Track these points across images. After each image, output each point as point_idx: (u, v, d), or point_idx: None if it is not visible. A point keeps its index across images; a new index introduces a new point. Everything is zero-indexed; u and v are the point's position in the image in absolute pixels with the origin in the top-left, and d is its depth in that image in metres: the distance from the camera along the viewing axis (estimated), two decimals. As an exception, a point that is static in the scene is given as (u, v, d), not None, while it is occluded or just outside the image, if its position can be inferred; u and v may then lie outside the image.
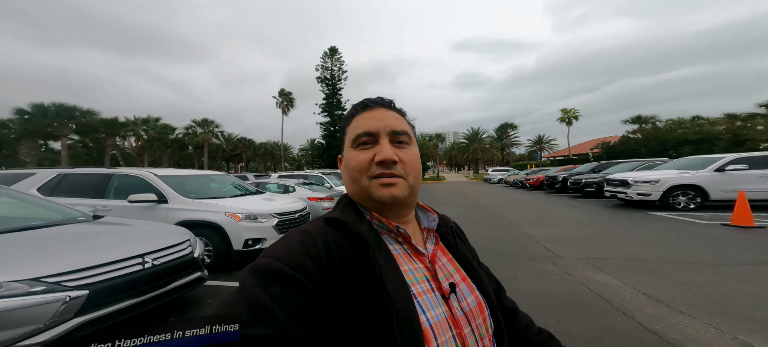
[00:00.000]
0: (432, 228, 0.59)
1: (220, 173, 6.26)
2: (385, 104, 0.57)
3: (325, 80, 38.15)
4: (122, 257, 2.15)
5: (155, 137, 30.15)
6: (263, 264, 0.43)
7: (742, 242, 4.72)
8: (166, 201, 4.05)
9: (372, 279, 0.44)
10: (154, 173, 4.43)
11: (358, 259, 0.45)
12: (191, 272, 2.61)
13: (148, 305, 2.24)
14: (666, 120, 28.66)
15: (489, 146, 58.35)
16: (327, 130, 37.75)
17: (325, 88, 38.06)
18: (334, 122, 38.42)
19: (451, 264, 0.57)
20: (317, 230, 0.48)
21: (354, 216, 0.51)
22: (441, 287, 0.51)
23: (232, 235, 3.85)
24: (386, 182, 0.50)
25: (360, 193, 0.53)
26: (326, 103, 38.15)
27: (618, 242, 5.06)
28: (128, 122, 30.23)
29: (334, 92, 38.20)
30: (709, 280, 3.25)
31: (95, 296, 1.92)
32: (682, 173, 7.90)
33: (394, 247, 0.52)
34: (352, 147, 0.54)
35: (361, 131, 0.53)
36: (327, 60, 38.35)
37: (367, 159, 0.51)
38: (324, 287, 0.42)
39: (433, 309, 0.47)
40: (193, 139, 32.51)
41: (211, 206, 4.09)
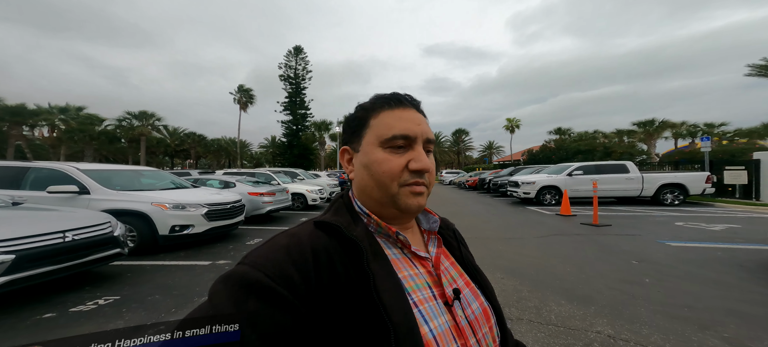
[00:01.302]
0: (433, 230, 0.54)
1: (153, 169, 6.35)
2: (416, 104, 0.51)
3: (289, 79, 37.65)
4: (45, 232, 2.59)
5: (76, 128, 26.15)
6: (240, 273, 0.37)
7: (552, 226, 6.57)
8: (89, 192, 4.26)
9: (366, 288, 0.38)
10: (76, 167, 4.55)
11: (351, 266, 0.40)
12: (110, 248, 3.08)
13: (69, 271, 2.70)
14: (578, 133, 34.42)
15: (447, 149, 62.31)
16: (289, 128, 37.49)
17: (289, 86, 37.59)
18: (297, 121, 37.92)
19: (454, 269, 0.52)
20: (306, 234, 0.43)
21: (348, 219, 0.46)
22: (444, 293, 0.45)
23: (157, 222, 4.25)
24: (417, 190, 0.46)
25: (384, 199, 0.46)
26: (289, 101, 37.62)
27: (496, 226, 6.63)
28: (40, 110, 25.76)
29: (298, 91, 37.76)
30: (510, 247, 4.74)
31: (20, 260, 2.37)
32: (549, 177, 10.18)
33: (393, 251, 0.46)
34: (379, 147, 0.47)
35: (398, 132, 0.46)
36: (291, 59, 37.81)
37: (401, 164, 0.45)
38: (310, 301, 0.37)
39: (435, 318, 0.41)
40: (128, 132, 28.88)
41: (137, 197, 4.41)
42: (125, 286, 3.12)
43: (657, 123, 27.13)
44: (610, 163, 10.14)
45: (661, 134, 29.67)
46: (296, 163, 36.07)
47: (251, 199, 7.36)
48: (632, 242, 4.87)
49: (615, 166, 9.86)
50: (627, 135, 30.88)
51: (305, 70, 38.35)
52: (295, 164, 35.43)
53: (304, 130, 35.95)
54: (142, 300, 2.78)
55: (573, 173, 9.87)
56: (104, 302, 2.73)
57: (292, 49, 37.82)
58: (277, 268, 0.37)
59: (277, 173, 12.05)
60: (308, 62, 38.39)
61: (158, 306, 2.69)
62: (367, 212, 0.48)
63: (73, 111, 27.25)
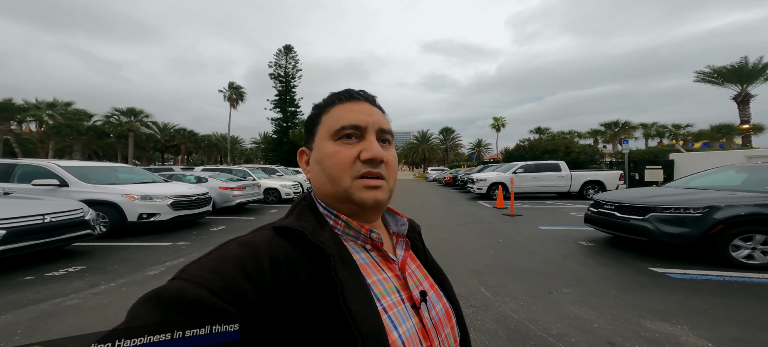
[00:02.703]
0: (402, 233, 0.51)
1: (128, 166, 7.07)
2: (369, 98, 0.48)
3: (279, 77, 38.26)
4: (28, 214, 3.37)
5: (64, 123, 26.15)
6: (173, 291, 0.30)
7: (480, 216, 7.55)
8: (67, 185, 5.00)
9: (333, 298, 0.35)
10: (57, 164, 5.29)
11: (316, 276, 0.36)
12: (82, 229, 3.86)
13: (47, 246, 3.49)
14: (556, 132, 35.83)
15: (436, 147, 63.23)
16: (279, 126, 38.21)
17: (278, 84, 38.20)
18: (287, 119, 38.63)
19: (420, 271, 0.50)
20: (263, 241, 0.38)
21: (313, 223, 0.42)
22: (411, 296, 0.43)
23: (127, 210, 5.01)
24: (372, 183, 0.42)
25: (337, 194, 0.43)
26: (279, 99, 38.28)
27: (436, 215, 7.61)
28: (28, 106, 25.68)
29: (288, 89, 38.40)
30: (432, 232, 5.66)
31: (10, 236, 3.15)
32: (498, 175, 11.21)
33: (361, 256, 0.43)
34: (330, 140, 0.44)
35: (346, 122, 0.43)
36: (281, 58, 38.44)
37: (352, 156, 0.42)
38: (268, 320, 0.32)
39: (404, 323, 0.40)
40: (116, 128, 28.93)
41: (109, 189, 5.17)
42: (92, 259, 3.91)
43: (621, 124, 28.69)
44: (546, 162, 11.25)
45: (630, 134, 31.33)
46: (286, 159, 36.74)
47: (222, 192, 8.12)
48: (518, 228, 5.88)
49: (550, 165, 10.97)
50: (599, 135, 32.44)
51: (295, 69, 38.95)
52: (285, 161, 36.11)
53: (294, 127, 36.50)
54: (104, 269, 3.57)
55: (517, 171, 10.92)
56: (73, 270, 3.52)
57: (282, 48, 38.43)
58: (226, 282, 0.31)
59: (254, 170, 12.78)
60: (298, 61, 38.97)
61: (115, 273, 3.49)
62: (334, 212, 0.44)
63: (61, 106, 27.19)
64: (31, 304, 2.65)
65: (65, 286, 3.06)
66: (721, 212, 3.47)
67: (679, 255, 3.80)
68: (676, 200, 3.80)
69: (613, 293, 2.84)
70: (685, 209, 3.65)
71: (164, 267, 3.71)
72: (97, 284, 3.13)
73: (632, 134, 32.40)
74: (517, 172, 10.89)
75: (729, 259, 3.42)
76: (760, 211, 3.38)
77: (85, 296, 2.85)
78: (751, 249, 3.41)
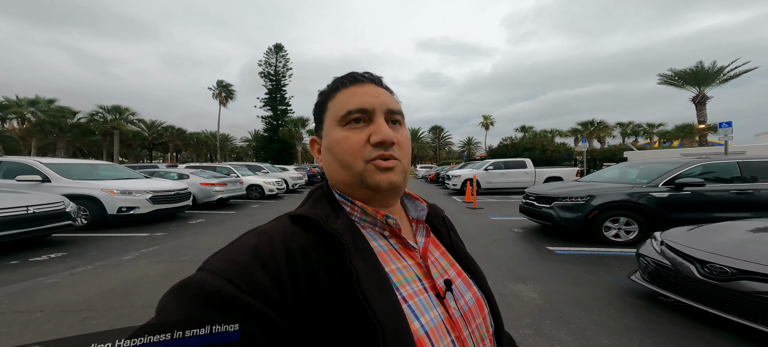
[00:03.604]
0: (421, 219, 0.49)
1: (110, 163, 7.37)
2: (375, 79, 0.47)
3: (269, 76, 38.46)
4: (13, 206, 3.72)
5: (47, 120, 25.63)
6: (198, 282, 0.31)
7: (446, 207, 8.13)
8: (50, 181, 5.32)
9: (349, 288, 0.34)
10: (40, 161, 5.60)
11: (331, 265, 0.35)
12: (63, 220, 4.22)
13: (31, 234, 3.86)
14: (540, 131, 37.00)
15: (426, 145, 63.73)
16: (269, 124, 38.47)
17: (269, 83, 38.44)
18: (277, 117, 38.82)
19: (445, 258, 0.47)
20: (278, 231, 0.38)
21: (328, 211, 0.41)
22: (435, 285, 0.41)
23: (107, 204, 5.37)
24: (385, 165, 0.41)
25: (351, 179, 0.42)
26: (269, 97, 38.49)
27: None
28: (9, 103, 25.07)
29: (278, 88, 38.63)
30: None
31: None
32: (471, 171, 11.85)
33: (379, 243, 0.42)
34: (338, 126, 0.43)
35: (352, 107, 0.42)
36: (271, 56, 38.63)
37: (362, 140, 0.41)
38: (284, 310, 0.32)
39: (427, 312, 0.38)
40: (101, 126, 28.47)
41: (90, 184, 5.51)
42: (73, 247, 4.28)
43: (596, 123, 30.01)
44: (514, 160, 12.00)
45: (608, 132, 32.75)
46: (277, 157, 36.93)
47: (203, 188, 8.46)
48: (474, 219, 6.48)
49: (517, 162, 11.71)
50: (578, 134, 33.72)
51: (285, 68, 39.13)
52: (276, 159, 36.33)
53: (284, 125, 36.66)
54: (83, 255, 3.96)
55: (487, 168, 11.60)
56: (54, 256, 3.89)
57: (272, 47, 38.70)
58: (244, 274, 0.32)
59: (239, 167, 13.07)
60: (288, 60, 39.17)
61: (93, 257, 3.87)
62: (350, 199, 0.44)
63: (43, 103, 26.60)
64: (15, 283, 3.04)
65: (46, 268, 3.45)
66: (596, 199, 4.20)
67: (573, 236, 4.46)
68: (570, 191, 4.48)
69: (508, 266, 3.45)
70: (574, 198, 4.35)
71: (139, 253, 4.11)
72: (76, 266, 3.53)
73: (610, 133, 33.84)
74: (488, 169, 11.58)
75: (602, 237, 4.14)
76: (624, 199, 4.13)
77: (64, 276, 3.25)
78: (618, 229, 4.16)
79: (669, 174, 4.27)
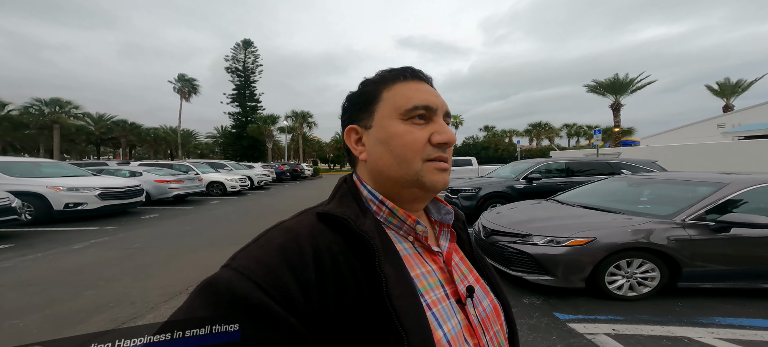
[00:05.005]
0: (446, 223, 0.47)
1: (53, 161, 7.29)
2: (428, 80, 0.45)
3: (237, 72, 37.49)
4: (-46, 202, 3.93)
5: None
6: (225, 282, 0.31)
7: None
8: (-11, 178, 5.34)
9: (377, 293, 0.33)
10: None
11: (358, 269, 0.35)
12: (8, 215, 4.45)
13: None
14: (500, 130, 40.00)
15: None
16: (238, 120, 37.42)
17: (237, 79, 37.43)
18: (246, 113, 37.74)
19: (464, 264, 0.47)
20: (306, 229, 0.37)
21: (356, 210, 0.40)
22: (457, 291, 0.41)
23: (52, 200, 5.53)
24: (442, 166, 0.41)
25: (405, 176, 0.40)
26: (237, 93, 37.45)
27: None
28: None
29: (247, 84, 37.67)
30: None
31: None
32: None
33: (404, 246, 0.41)
34: (399, 119, 0.41)
35: (418, 102, 0.41)
36: (239, 52, 37.62)
37: (424, 137, 0.40)
38: (310, 316, 0.31)
39: (449, 320, 0.38)
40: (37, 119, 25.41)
41: (34, 181, 5.62)
42: (21, 239, 4.53)
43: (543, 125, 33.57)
44: (462, 158, 13.43)
45: (557, 133, 36.65)
46: (246, 154, 35.80)
47: (157, 185, 8.59)
48: None
49: (464, 160, 13.15)
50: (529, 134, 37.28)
51: (255, 64, 38.13)
52: (245, 156, 35.22)
53: (253, 122, 35.65)
54: (33, 246, 4.27)
55: None
56: (3, 246, 4.16)
57: (240, 43, 37.63)
58: (271, 276, 0.31)
59: (199, 165, 12.99)
60: (259, 56, 38.19)
61: (43, 247, 4.21)
62: (380, 197, 0.42)
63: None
64: (-32, 268, 3.38)
65: (-4, 257, 3.76)
66: (482, 191, 5.52)
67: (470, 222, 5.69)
68: (468, 185, 5.74)
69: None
70: (469, 190, 5.59)
71: (89, 243, 4.50)
72: (26, 254, 3.88)
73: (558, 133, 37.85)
74: None
75: (488, 222, 5.48)
76: (499, 190, 5.52)
77: (17, 261, 3.63)
78: (496, 214, 5.52)
79: (526, 171, 5.81)
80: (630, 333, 2.04)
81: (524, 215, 3.17)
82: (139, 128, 38.84)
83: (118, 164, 12.82)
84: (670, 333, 2.02)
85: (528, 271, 2.57)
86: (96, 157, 37.83)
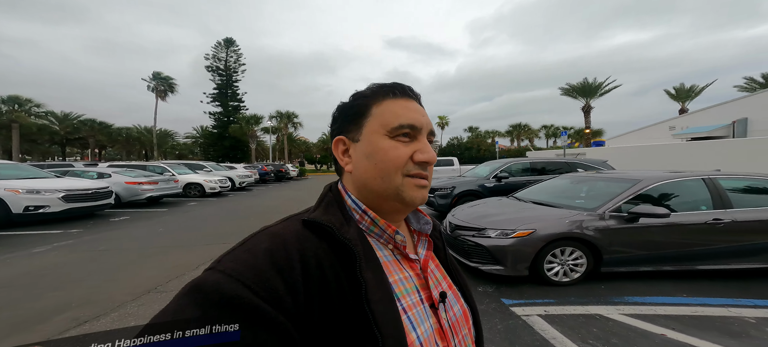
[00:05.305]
0: (425, 232, 0.50)
1: (11, 162, 6.89)
2: (418, 98, 0.48)
3: (218, 70, 36.55)
4: None
5: None
6: (213, 283, 0.31)
7: None
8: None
9: (356, 298, 0.35)
10: None
11: (341, 273, 0.36)
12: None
13: None
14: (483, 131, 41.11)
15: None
16: (219, 120, 36.51)
17: (218, 78, 36.53)
18: (228, 113, 36.78)
19: (439, 271, 0.49)
20: (292, 234, 0.38)
21: (340, 218, 0.41)
22: (431, 296, 0.44)
23: (11, 203, 5.26)
24: (422, 183, 0.43)
25: (386, 190, 0.43)
26: (218, 93, 36.53)
27: None
28: None
29: (229, 83, 36.81)
30: None
31: None
32: None
33: (384, 253, 0.43)
34: (386, 136, 0.43)
35: (405, 121, 0.43)
36: (221, 51, 36.70)
37: (407, 155, 0.43)
38: (297, 317, 0.32)
39: (422, 323, 0.40)
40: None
41: (-11, 184, 5.30)
42: (-25, 245, 4.30)
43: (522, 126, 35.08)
44: (444, 158, 13.83)
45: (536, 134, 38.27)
46: (228, 155, 34.77)
47: (128, 187, 8.30)
48: None
49: (446, 160, 13.57)
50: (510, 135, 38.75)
51: (238, 63, 37.27)
52: (227, 156, 34.20)
53: (236, 122, 34.70)
54: (-11, 249, 4.08)
55: None
56: (-45, 251, 3.95)
57: (222, 41, 36.69)
58: (259, 278, 0.32)
59: (175, 166, 12.58)
60: (241, 55, 37.36)
61: (1, 252, 4.04)
62: (363, 207, 0.44)
63: None
64: None
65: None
66: (456, 189, 5.87)
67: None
68: (443, 184, 6.09)
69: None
70: (445, 189, 5.93)
71: (51, 246, 4.35)
72: (-19, 259, 3.72)
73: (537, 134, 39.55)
74: None
75: (462, 216, 5.81)
76: (472, 188, 5.90)
77: (-30, 266, 3.48)
78: (469, 209, 5.88)
79: (496, 170, 6.24)
80: (557, 313, 2.32)
81: (483, 210, 3.43)
82: (110, 127, 36.75)
83: (86, 165, 12.18)
84: (587, 311, 2.32)
85: (484, 262, 2.80)
86: (61, 158, 35.33)
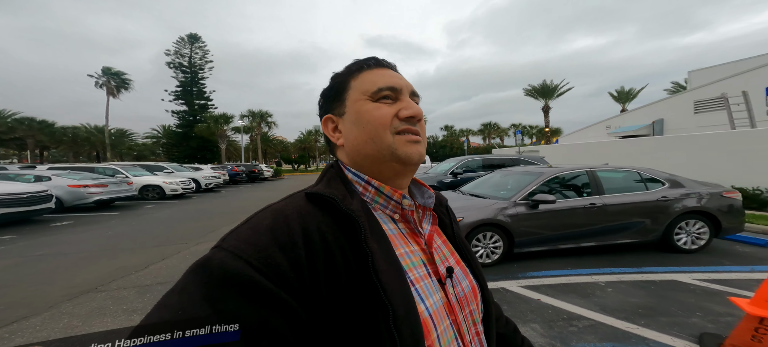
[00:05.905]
0: (429, 206, 0.49)
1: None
2: (394, 67, 0.48)
3: (181, 67, 34.28)
4: None
5: None
6: (217, 262, 0.32)
7: None
8: None
9: (363, 268, 0.35)
10: None
11: (346, 246, 0.36)
12: None
13: None
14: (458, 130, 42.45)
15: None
16: (184, 119, 34.51)
17: (182, 75, 34.31)
18: (194, 112, 34.58)
19: (446, 247, 0.49)
20: (294, 209, 0.38)
21: (343, 191, 0.41)
22: (437, 271, 0.43)
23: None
24: (414, 138, 0.43)
25: (380, 152, 0.42)
26: (182, 91, 34.32)
27: None
28: None
29: (195, 81, 34.67)
30: None
31: None
32: None
33: (389, 227, 0.43)
34: (368, 100, 0.43)
35: (383, 84, 0.43)
36: (184, 47, 34.43)
37: (392, 113, 0.43)
38: (302, 293, 0.32)
39: (430, 296, 0.40)
40: None
41: None
42: None
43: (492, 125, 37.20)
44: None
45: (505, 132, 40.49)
46: (195, 156, 32.68)
47: (72, 190, 7.71)
48: None
49: (417, 157, 14.21)
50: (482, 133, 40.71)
51: (204, 60, 35.13)
52: (194, 157, 32.13)
53: (203, 121, 32.72)
54: None
55: None
56: None
57: (185, 37, 34.48)
58: (262, 254, 0.32)
59: (131, 168, 11.78)
60: (207, 51, 35.27)
61: None
62: (365, 178, 0.44)
63: None
64: None
65: None
66: None
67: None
68: None
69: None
70: None
71: (-22, 254, 4.01)
72: None
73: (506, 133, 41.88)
74: None
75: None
76: (432, 184, 6.26)
77: None
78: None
79: (452, 167, 6.81)
80: (474, 286, 2.71)
81: (427, 202, 3.83)
82: (52, 126, 32.98)
83: (21, 167, 10.99)
84: (496, 286, 2.73)
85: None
86: (-8, 160, 31.08)
